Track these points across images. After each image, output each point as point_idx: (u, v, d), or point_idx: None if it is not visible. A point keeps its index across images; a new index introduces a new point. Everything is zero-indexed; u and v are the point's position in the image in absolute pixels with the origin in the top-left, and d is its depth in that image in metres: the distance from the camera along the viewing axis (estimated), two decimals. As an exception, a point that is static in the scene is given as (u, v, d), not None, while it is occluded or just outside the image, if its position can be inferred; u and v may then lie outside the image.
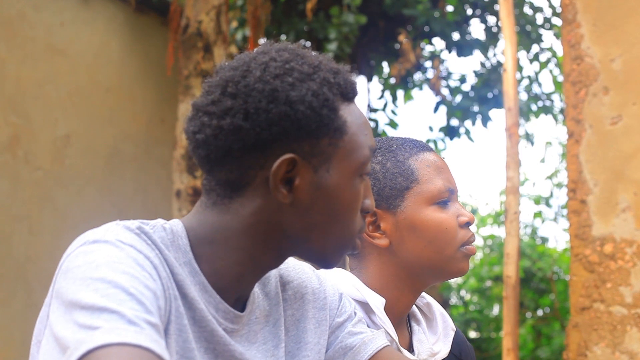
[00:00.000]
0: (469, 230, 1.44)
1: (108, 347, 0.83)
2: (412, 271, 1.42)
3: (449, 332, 1.52)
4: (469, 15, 7.59)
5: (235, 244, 1.05)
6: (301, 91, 1.01)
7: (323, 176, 1.04)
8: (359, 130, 1.07)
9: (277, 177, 1.01)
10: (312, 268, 1.26)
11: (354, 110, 1.08)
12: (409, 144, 1.47)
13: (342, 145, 1.04)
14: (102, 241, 0.96)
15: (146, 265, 0.96)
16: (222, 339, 1.05)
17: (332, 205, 1.05)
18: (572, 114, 3.33)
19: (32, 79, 5.20)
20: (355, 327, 1.24)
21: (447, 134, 7.74)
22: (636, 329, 3.04)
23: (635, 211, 3.11)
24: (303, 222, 1.05)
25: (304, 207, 1.04)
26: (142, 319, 0.87)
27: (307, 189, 1.03)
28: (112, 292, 0.89)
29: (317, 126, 1.02)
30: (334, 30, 6.36)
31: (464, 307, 11.37)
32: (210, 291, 1.05)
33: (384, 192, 1.42)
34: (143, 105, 5.99)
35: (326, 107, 1.02)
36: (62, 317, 0.90)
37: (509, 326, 3.98)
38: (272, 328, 1.14)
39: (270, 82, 1.01)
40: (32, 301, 4.87)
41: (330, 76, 1.05)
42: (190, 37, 5.11)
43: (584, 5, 3.34)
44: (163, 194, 5.84)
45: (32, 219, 5.10)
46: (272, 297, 1.16)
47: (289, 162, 1.01)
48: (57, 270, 0.98)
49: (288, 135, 1.01)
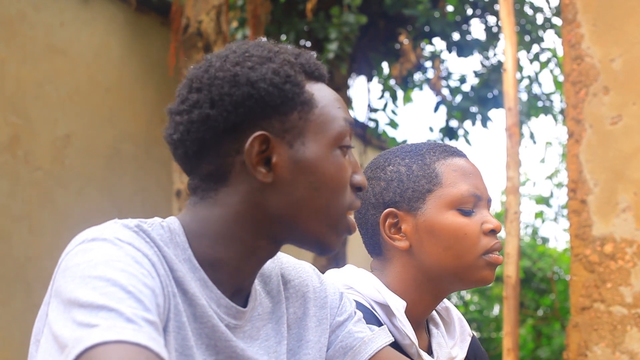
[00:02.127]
0: (494, 238, 1.41)
1: (106, 344, 0.83)
2: (432, 275, 1.41)
3: (465, 337, 1.52)
4: (469, 15, 7.58)
5: (229, 234, 1.05)
6: (261, 71, 1.04)
7: (299, 149, 1.04)
8: (330, 104, 1.08)
9: (251, 157, 1.03)
10: (312, 267, 1.26)
11: (323, 88, 1.10)
12: (439, 149, 1.46)
13: (313, 118, 1.06)
14: (100, 239, 0.96)
15: (144, 262, 0.96)
16: (224, 335, 1.05)
17: (313, 178, 1.05)
18: (572, 114, 3.32)
19: (32, 79, 5.20)
20: (356, 326, 1.23)
21: (446, 134, 7.74)
22: (636, 329, 3.04)
23: (635, 211, 3.11)
24: (288, 200, 1.05)
25: (286, 184, 1.04)
26: (140, 317, 0.87)
27: (285, 165, 1.04)
28: (111, 290, 0.89)
29: (282, 101, 1.04)
30: (334, 30, 6.36)
31: (464, 307, 11.37)
32: (211, 286, 1.05)
33: (406, 193, 1.41)
34: (143, 105, 5.99)
35: (289, 82, 1.05)
36: (60, 316, 0.90)
37: (509, 326, 3.98)
38: (275, 325, 1.14)
39: (230, 70, 1.05)
40: (32, 301, 4.86)
41: (291, 57, 1.08)
42: (190, 37, 5.10)
43: (584, 5, 3.34)
44: (163, 194, 5.83)
45: (32, 219, 5.09)
46: (274, 295, 1.17)
47: (262, 140, 1.03)
48: (56, 269, 0.98)
49: (255, 115, 1.03)
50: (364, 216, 1.47)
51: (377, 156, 1.52)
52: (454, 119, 7.71)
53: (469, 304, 11.49)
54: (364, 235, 1.48)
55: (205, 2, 5.12)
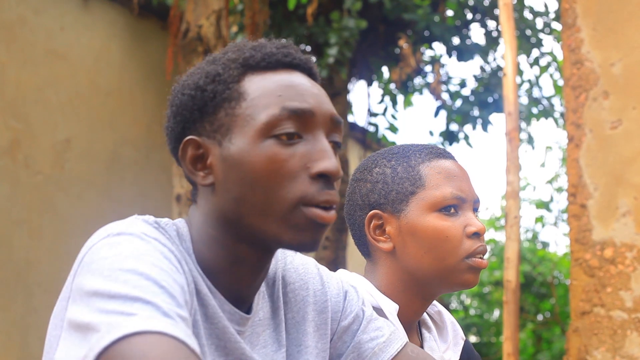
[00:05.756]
0: (478, 241, 1.40)
1: (146, 334, 0.80)
2: (416, 278, 1.41)
3: (458, 341, 1.52)
4: (469, 19, 7.59)
5: (207, 238, 1.05)
6: (194, 77, 1.06)
7: (226, 147, 1.02)
8: (265, 93, 1.02)
9: (186, 162, 1.05)
10: (317, 267, 1.24)
11: (267, 77, 1.04)
12: (425, 150, 1.46)
13: (239, 112, 1.02)
14: (127, 233, 0.95)
15: (172, 258, 0.96)
16: (233, 336, 1.04)
17: (242, 174, 1.00)
18: (572, 119, 3.33)
19: (33, 83, 5.20)
20: (366, 332, 1.21)
21: (446, 138, 7.74)
22: (636, 334, 3.04)
23: (635, 215, 3.11)
24: (230, 200, 1.02)
25: (223, 183, 1.02)
26: (174, 313, 0.85)
27: (217, 164, 1.03)
28: (144, 284, 0.87)
29: (205, 102, 1.04)
30: (334, 35, 6.36)
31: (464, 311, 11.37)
32: (215, 292, 1.04)
33: (390, 195, 1.42)
34: (143, 109, 6.00)
35: (215, 81, 1.04)
36: (86, 307, 0.87)
37: (509, 331, 3.98)
38: (273, 332, 1.13)
39: (181, 81, 1.08)
40: (32, 306, 4.86)
41: (237, 55, 1.06)
42: (190, 42, 5.11)
43: (584, 10, 3.34)
44: (163, 198, 5.83)
45: (32, 224, 5.09)
46: (274, 300, 1.15)
47: (193, 145, 1.04)
48: (77, 263, 0.95)
49: (188, 121, 1.05)
50: (352, 217, 1.47)
51: (366, 158, 1.52)
52: (454, 123, 7.72)
53: (469, 309, 11.49)
54: (354, 236, 1.49)
55: (205, 6, 5.13)
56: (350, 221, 1.48)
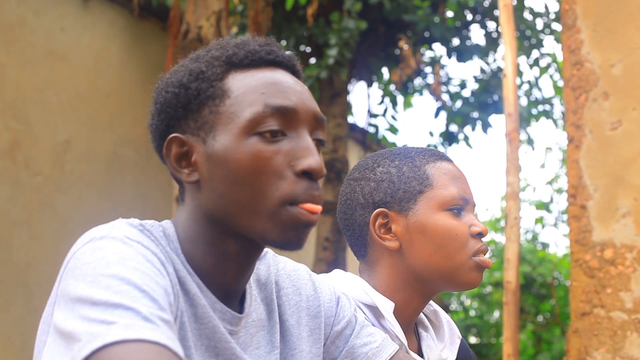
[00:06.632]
0: (480, 242, 1.43)
1: (126, 343, 0.81)
2: (421, 276, 1.42)
3: (455, 340, 1.53)
4: (469, 20, 7.59)
5: (194, 236, 1.05)
6: (178, 75, 1.06)
7: (211, 144, 1.02)
8: (249, 90, 1.03)
9: (170, 159, 1.05)
10: (309, 272, 1.25)
11: (250, 75, 1.05)
12: (428, 152, 1.48)
13: (223, 110, 1.03)
14: (109, 237, 0.95)
15: (154, 261, 0.96)
16: (224, 336, 1.04)
17: (227, 171, 1.01)
18: (572, 120, 3.33)
19: (33, 84, 5.20)
20: (359, 337, 1.22)
21: (446, 139, 7.74)
22: (636, 335, 3.04)
23: (635, 216, 3.11)
24: (215, 197, 1.02)
25: (207, 181, 1.03)
26: (156, 316, 0.86)
27: (201, 162, 1.03)
28: (126, 289, 0.87)
29: (189, 100, 1.04)
30: (334, 36, 6.36)
31: (464, 312, 11.37)
32: (206, 291, 1.04)
33: (397, 194, 1.43)
34: (143, 110, 5.99)
35: (199, 79, 1.05)
36: (70, 313, 0.88)
37: (509, 332, 3.98)
38: (267, 334, 1.13)
39: (165, 79, 1.08)
40: (32, 306, 4.86)
41: (220, 53, 1.07)
42: (190, 43, 5.11)
43: (584, 11, 3.35)
44: (163, 199, 5.84)
45: (32, 224, 5.09)
46: (268, 303, 1.16)
47: (178, 142, 1.04)
48: (63, 268, 0.96)
49: (172, 118, 1.06)
50: (351, 217, 1.47)
51: (364, 158, 1.53)
52: (454, 124, 7.72)
53: (469, 310, 11.49)
54: (350, 236, 1.49)
55: (206, 7, 5.13)
56: (348, 220, 1.48)
